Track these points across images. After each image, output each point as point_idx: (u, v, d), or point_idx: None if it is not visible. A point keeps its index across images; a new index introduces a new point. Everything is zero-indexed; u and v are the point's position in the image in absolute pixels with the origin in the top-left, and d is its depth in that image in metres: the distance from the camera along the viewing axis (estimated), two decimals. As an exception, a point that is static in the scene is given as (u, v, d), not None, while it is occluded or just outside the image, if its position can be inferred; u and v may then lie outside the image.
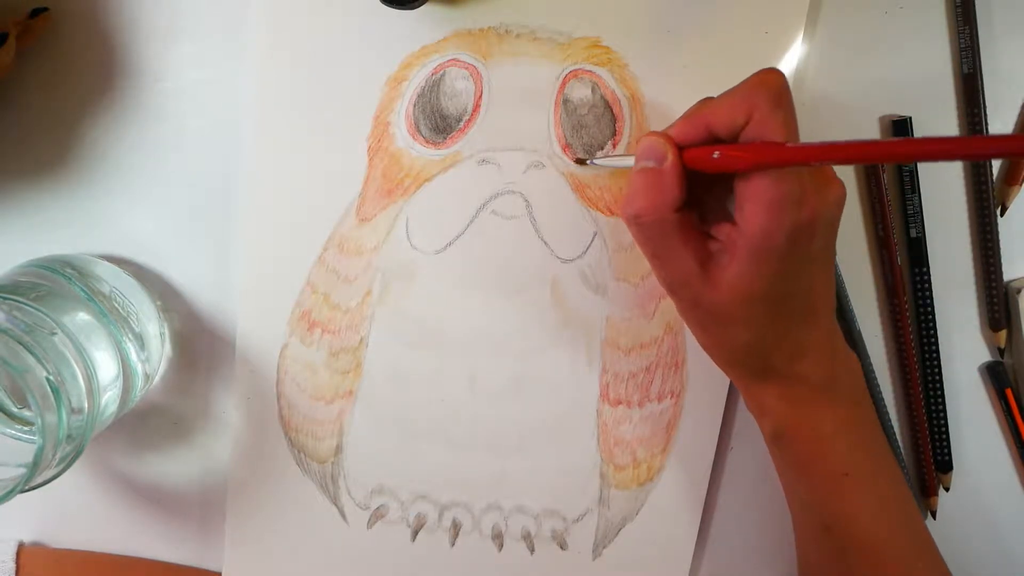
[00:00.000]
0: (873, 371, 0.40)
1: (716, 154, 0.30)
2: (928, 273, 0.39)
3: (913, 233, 0.39)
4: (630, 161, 0.33)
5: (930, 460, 0.41)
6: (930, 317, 0.39)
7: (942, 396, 0.40)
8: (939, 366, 0.40)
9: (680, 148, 0.31)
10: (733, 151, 0.30)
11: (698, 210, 0.33)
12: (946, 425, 0.40)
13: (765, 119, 0.29)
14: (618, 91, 0.38)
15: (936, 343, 0.40)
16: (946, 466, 0.41)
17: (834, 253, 0.34)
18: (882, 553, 0.34)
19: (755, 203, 0.30)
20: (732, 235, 0.31)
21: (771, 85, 0.30)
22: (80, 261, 0.39)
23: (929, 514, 0.42)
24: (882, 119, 0.38)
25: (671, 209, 0.31)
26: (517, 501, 0.42)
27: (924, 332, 0.40)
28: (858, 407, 0.35)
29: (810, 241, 0.31)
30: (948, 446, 0.41)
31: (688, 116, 0.32)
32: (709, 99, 0.33)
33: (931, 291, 0.39)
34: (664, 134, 0.32)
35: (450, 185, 0.39)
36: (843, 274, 0.39)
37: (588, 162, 0.37)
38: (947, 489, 0.41)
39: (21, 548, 0.43)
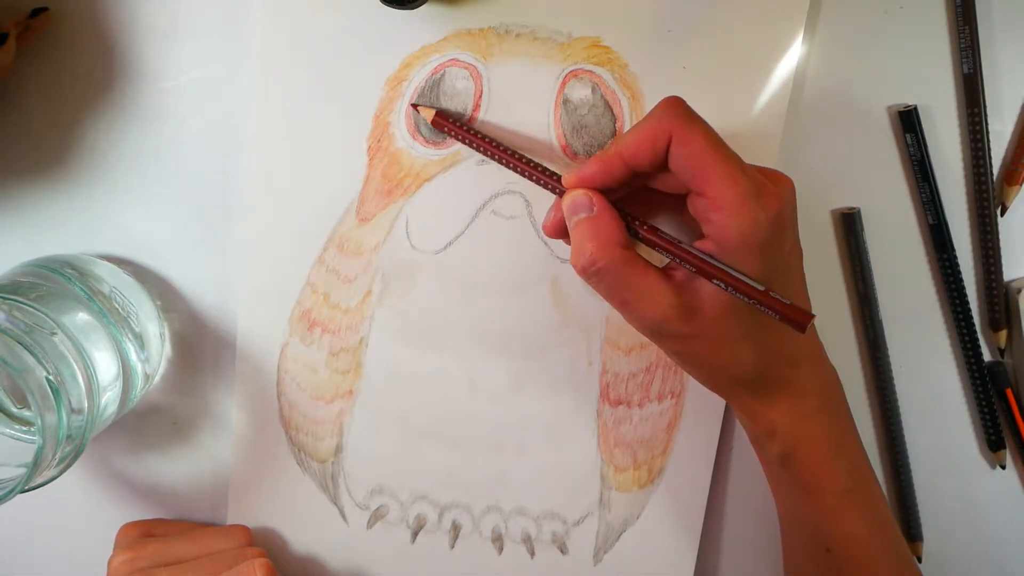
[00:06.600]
0: (890, 368, 0.40)
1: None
2: (956, 259, 0.39)
3: (930, 220, 0.39)
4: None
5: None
6: (959, 303, 0.40)
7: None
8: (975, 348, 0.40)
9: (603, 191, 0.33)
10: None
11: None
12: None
13: (685, 134, 0.30)
14: (618, 91, 0.38)
15: (973, 326, 0.40)
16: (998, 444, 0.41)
17: (801, 249, 0.34)
18: (876, 571, 0.34)
19: (721, 210, 0.30)
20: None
21: (677, 105, 0.31)
22: (80, 261, 0.39)
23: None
24: (889, 108, 0.38)
25: (619, 245, 0.32)
26: (517, 503, 0.42)
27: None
28: (848, 418, 0.35)
29: (783, 233, 0.31)
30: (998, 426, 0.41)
31: (600, 157, 0.33)
32: (619, 137, 0.34)
33: (961, 276, 0.39)
34: (582, 186, 0.33)
35: (450, 185, 0.39)
36: (876, 266, 0.39)
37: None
38: (1003, 467, 0.41)
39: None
